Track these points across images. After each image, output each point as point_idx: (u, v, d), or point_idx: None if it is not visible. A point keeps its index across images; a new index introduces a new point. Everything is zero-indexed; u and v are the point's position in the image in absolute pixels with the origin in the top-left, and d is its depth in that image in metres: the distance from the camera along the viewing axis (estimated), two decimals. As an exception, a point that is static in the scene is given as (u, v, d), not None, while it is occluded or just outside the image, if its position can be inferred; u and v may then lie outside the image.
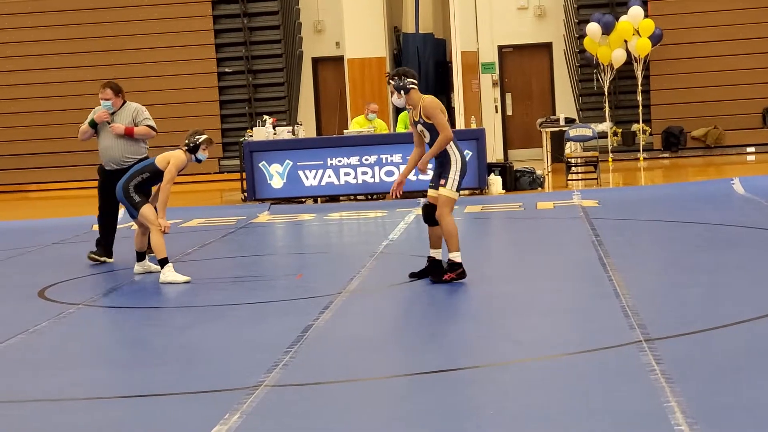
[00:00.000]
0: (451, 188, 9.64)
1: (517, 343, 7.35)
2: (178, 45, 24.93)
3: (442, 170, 9.74)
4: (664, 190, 17.39)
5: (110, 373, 7.10)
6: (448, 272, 9.65)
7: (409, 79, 9.80)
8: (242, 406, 5.94)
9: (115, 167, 11.87)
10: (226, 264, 12.12)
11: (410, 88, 9.78)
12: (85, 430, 5.86)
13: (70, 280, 10.96)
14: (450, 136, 9.63)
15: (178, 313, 9.35)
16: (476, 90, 23.20)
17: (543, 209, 15.61)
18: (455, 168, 9.67)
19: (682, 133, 23.29)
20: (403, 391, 6.39)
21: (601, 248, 11.11)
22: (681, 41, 23.52)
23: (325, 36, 25.94)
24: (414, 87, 9.80)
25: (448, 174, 9.67)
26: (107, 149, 11.95)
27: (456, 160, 9.69)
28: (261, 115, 20.54)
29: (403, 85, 9.76)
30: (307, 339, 7.61)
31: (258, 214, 16.77)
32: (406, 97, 9.81)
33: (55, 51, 24.92)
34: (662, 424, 5.24)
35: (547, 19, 25.41)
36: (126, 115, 11.98)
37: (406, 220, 14.82)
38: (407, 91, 9.79)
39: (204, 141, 10.90)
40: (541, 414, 5.65)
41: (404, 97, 9.82)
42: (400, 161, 17.76)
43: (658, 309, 8.17)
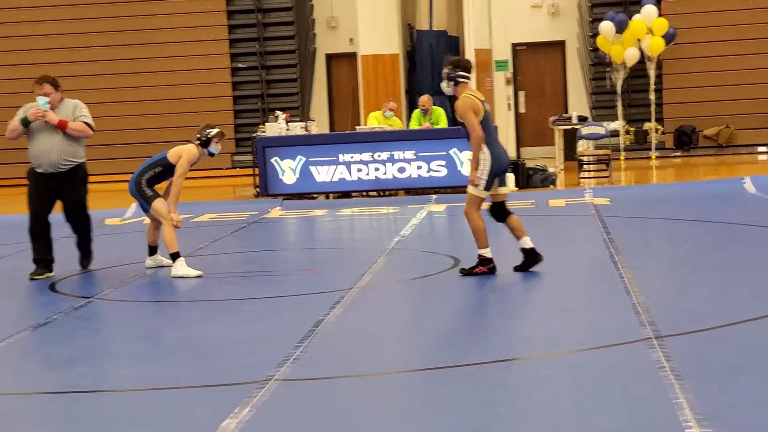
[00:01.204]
0: (479, 186, 9.69)
1: (528, 340, 7.36)
2: (192, 40, 24.97)
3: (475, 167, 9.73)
4: (675, 188, 17.38)
5: (122, 366, 7.13)
6: (479, 266, 9.71)
7: (461, 72, 9.80)
8: (253, 399, 5.96)
9: (52, 171, 10.69)
10: (238, 259, 12.14)
11: (460, 81, 9.80)
12: (98, 422, 5.89)
13: (81, 274, 11.00)
14: (480, 136, 9.62)
15: (189, 307, 9.38)
16: (489, 88, 23.21)
17: (555, 207, 15.61)
18: (485, 167, 9.68)
19: (695, 132, 23.25)
20: (414, 387, 6.41)
21: (613, 246, 11.11)
22: (694, 40, 23.49)
23: (338, 32, 25.95)
24: (464, 81, 9.80)
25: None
26: (45, 152, 10.64)
27: (486, 159, 9.69)
28: (274, 111, 20.58)
29: (453, 76, 9.79)
30: (318, 334, 7.63)
31: (270, 209, 16.80)
32: (455, 88, 9.82)
33: (67, 45, 24.97)
34: (671, 420, 5.25)
35: (560, 18, 25.40)
36: (66, 111, 10.75)
37: (417, 217, 14.83)
38: (456, 83, 9.81)
39: (216, 134, 10.93)
40: (551, 410, 5.67)
41: (453, 88, 9.83)
42: (412, 157, 17.78)
43: (669, 306, 8.17)
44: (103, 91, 23.70)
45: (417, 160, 17.88)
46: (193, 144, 10.92)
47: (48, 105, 10.62)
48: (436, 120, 18.73)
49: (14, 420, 6.03)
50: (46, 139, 10.65)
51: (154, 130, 23.99)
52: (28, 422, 5.99)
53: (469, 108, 9.66)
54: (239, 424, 5.52)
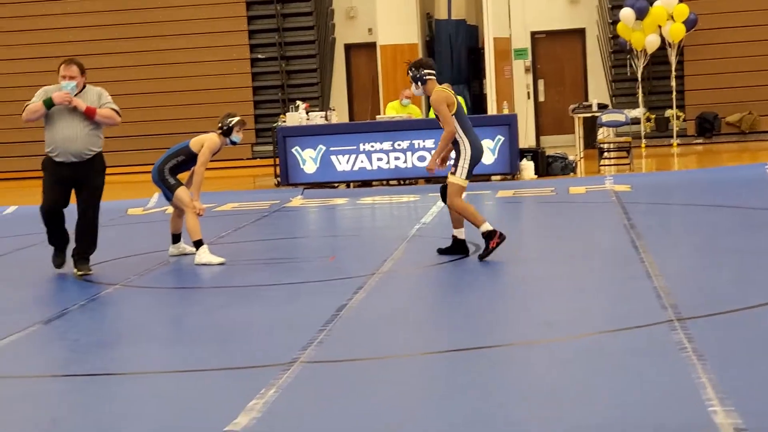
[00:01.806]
0: (461, 176, 9.95)
1: (550, 323, 7.41)
2: (211, 31, 25.04)
3: (456, 158, 10.00)
4: (696, 174, 17.36)
5: (149, 350, 7.21)
6: (490, 241, 9.92)
7: (426, 69, 10.04)
8: (278, 381, 6.03)
9: (74, 160, 10.16)
10: (261, 246, 12.22)
11: (426, 78, 10.02)
12: (127, 403, 5.97)
13: (106, 262, 11.08)
14: (452, 130, 9.87)
15: (213, 293, 9.46)
16: (508, 76, 23.19)
17: (575, 194, 15.64)
18: (465, 156, 9.93)
19: (716, 118, 23.19)
20: (436, 369, 6.47)
21: (633, 231, 11.14)
22: (715, 26, 23.41)
23: (357, 22, 25.99)
24: (431, 78, 10.04)
25: (458, 162, 9.94)
26: (68, 140, 10.09)
27: (465, 148, 9.93)
28: (294, 101, 20.64)
29: (420, 76, 10.00)
30: (341, 318, 7.70)
31: (291, 198, 16.89)
32: (423, 87, 10.04)
33: (87, 38, 25.08)
34: (694, 399, 5.29)
35: (580, 5, 25.36)
36: (90, 99, 10.25)
37: (438, 205, 14.86)
38: (424, 82, 10.04)
39: (237, 123, 11.00)
40: (573, 390, 5.72)
41: (421, 87, 10.03)
42: (432, 146, 17.80)
43: (690, 290, 8.21)
44: (124, 83, 23.79)
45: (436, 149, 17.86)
46: (215, 133, 11.00)
47: (75, 90, 10.12)
48: (455, 108, 18.73)
49: (44, 402, 6.12)
50: (69, 125, 10.09)
51: (175, 121, 24.10)
52: (57, 404, 6.08)
53: (443, 101, 9.88)
54: (265, 405, 5.60)
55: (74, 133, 10.10)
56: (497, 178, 18.11)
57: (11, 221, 16.09)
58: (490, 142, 17.80)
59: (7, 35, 25.44)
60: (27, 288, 9.95)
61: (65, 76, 10.06)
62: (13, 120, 24.86)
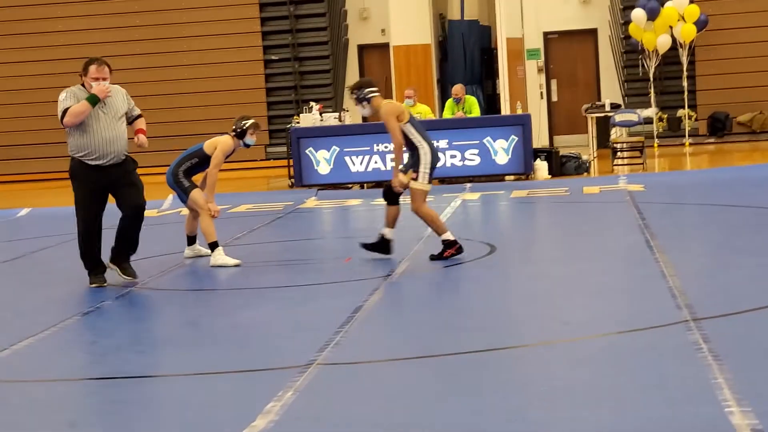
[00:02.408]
0: (423, 181, 10.08)
1: (566, 323, 7.42)
2: (224, 33, 25.07)
3: (414, 163, 10.12)
4: (709, 174, 17.34)
5: (165, 353, 7.25)
6: (447, 249, 10.03)
7: (367, 89, 10.21)
8: (295, 383, 6.05)
9: (114, 162, 9.74)
10: (275, 248, 12.25)
11: (370, 97, 10.19)
12: (144, 407, 6.00)
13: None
14: (400, 142, 10.04)
15: (229, 295, 9.50)
16: (521, 76, 23.20)
17: (589, 194, 15.64)
18: (425, 161, 10.07)
19: (728, 118, 23.15)
20: (453, 369, 6.48)
21: (648, 231, 11.15)
22: (726, 26, 23.37)
23: (370, 23, 26.00)
24: (374, 95, 10.20)
25: (419, 167, 10.05)
26: (110, 141, 9.65)
27: (425, 152, 10.08)
28: (307, 102, 20.67)
29: (363, 96, 10.19)
30: (357, 319, 7.72)
31: (305, 199, 16.91)
32: (370, 106, 10.21)
33: (100, 40, 25.13)
34: (710, 400, 5.30)
35: (592, 5, 25.34)
36: (119, 98, 9.91)
37: (452, 206, 14.90)
38: (369, 101, 10.20)
39: (251, 125, 11.04)
40: (589, 390, 5.74)
41: (368, 106, 10.20)
42: (445, 146, 17.82)
43: (705, 290, 8.22)
44: (138, 85, 23.79)
45: (450, 149, 17.93)
46: (228, 135, 11.04)
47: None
48: (468, 109, 18.78)
49: (61, 405, 6.15)
50: (108, 127, 9.66)
51: (189, 123, 24.15)
52: (75, 408, 6.11)
53: (393, 113, 10.04)
54: (283, 407, 5.62)
55: (114, 134, 9.68)
56: (511, 178, 18.11)
57: (25, 223, 16.16)
58: (503, 142, 17.81)
59: (14, 38, 25.52)
60: (43, 291, 9.99)
61: (98, 78, 9.60)
62: (25, 122, 24.98)
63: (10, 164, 23.68)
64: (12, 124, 25.12)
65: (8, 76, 25.27)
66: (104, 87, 9.58)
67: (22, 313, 9.02)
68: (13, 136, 24.81)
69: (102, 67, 9.69)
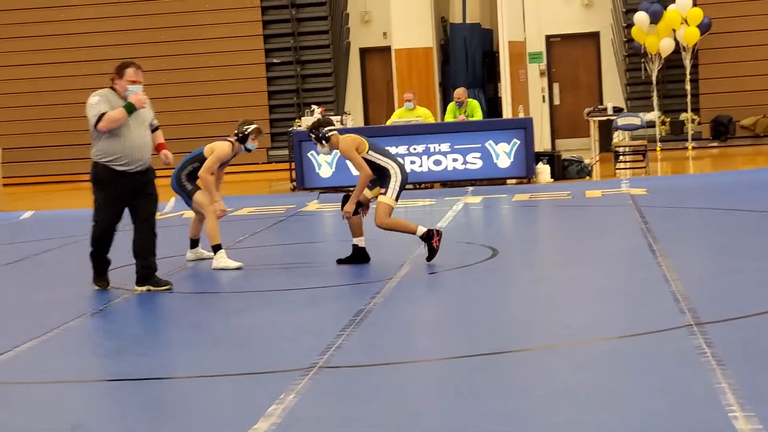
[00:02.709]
0: (391, 196, 10.22)
1: (567, 326, 7.42)
2: (226, 36, 25.10)
3: (382, 181, 10.26)
4: (712, 178, 17.34)
5: (168, 355, 7.25)
6: (431, 241, 10.12)
7: (325, 128, 10.38)
8: (297, 386, 6.05)
9: (141, 169, 9.66)
10: (277, 251, 12.25)
11: (329, 135, 10.36)
12: (148, 408, 6.01)
13: (123, 267, 11.10)
14: (368, 174, 10.20)
15: (232, 297, 9.50)
16: (523, 80, 23.20)
17: (591, 197, 15.63)
18: (395, 179, 10.23)
19: (731, 122, 23.16)
20: (455, 373, 6.48)
21: (650, 235, 11.14)
22: (730, 30, 23.38)
23: (372, 26, 26.02)
24: (332, 133, 10.37)
25: (388, 184, 10.20)
26: (140, 147, 9.58)
27: (396, 173, 10.25)
28: (309, 105, 20.68)
29: (322, 135, 10.34)
30: (359, 322, 7.72)
31: (307, 202, 16.92)
32: (328, 144, 10.38)
33: (101, 43, 25.16)
34: (714, 404, 5.29)
35: (594, 9, 25.35)
36: (148, 106, 9.86)
37: (454, 209, 14.90)
38: (327, 140, 10.35)
39: (253, 131, 11.05)
40: (591, 394, 5.73)
41: (327, 145, 10.38)
42: (448, 150, 17.84)
43: (708, 294, 8.21)
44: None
45: (453, 153, 17.93)
46: (228, 140, 11.05)
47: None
48: (471, 112, 18.78)
49: (65, 407, 6.15)
50: (139, 134, 9.60)
51: (190, 126, 24.15)
52: (79, 409, 6.11)
53: (352, 148, 10.20)
54: (285, 410, 5.62)
55: (143, 141, 9.63)
56: (513, 182, 18.11)
57: (28, 226, 16.17)
58: (505, 146, 17.81)
59: (22, 41, 25.55)
60: (46, 293, 10.00)
61: (136, 81, 9.50)
62: (31, 125, 25.01)
63: (14, 167, 23.66)
64: (17, 127, 25.16)
65: (13, 78, 25.31)
66: (142, 98, 9.53)
67: (25, 315, 9.03)
68: (16, 139, 24.82)
69: (138, 70, 9.62)
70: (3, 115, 25.38)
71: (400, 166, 10.33)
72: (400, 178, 10.22)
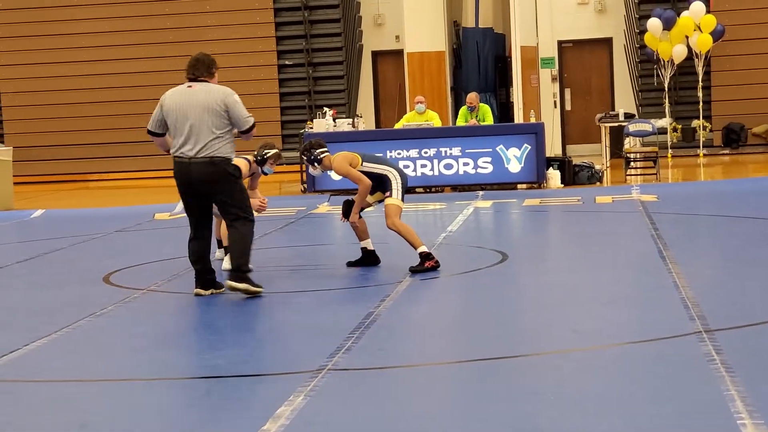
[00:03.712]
0: (397, 197, 10.18)
1: (578, 332, 7.41)
2: (239, 38, 25.12)
3: (383, 187, 10.26)
4: (723, 185, 17.31)
5: (177, 356, 7.25)
6: (426, 261, 10.00)
7: (317, 150, 10.43)
8: (306, 388, 6.05)
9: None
10: (287, 253, 12.26)
11: (321, 158, 10.41)
12: (156, 409, 6.01)
13: (133, 267, 11.15)
14: (367, 185, 10.21)
15: (241, 299, 9.48)
16: (535, 85, 23.19)
17: (602, 203, 15.61)
18: (397, 181, 10.23)
19: (743, 129, 23.11)
20: (464, 376, 6.48)
21: (661, 241, 11.12)
22: (743, 37, 23.34)
23: (385, 29, 26.03)
24: (324, 155, 10.41)
25: (391, 187, 10.20)
26: None
27: (395, 176, 10.26)
28: (321, 108, 20.68)
29: (314, 157, 10.40)
30: (369, 325, 7.72)
31: (318, 205, 16.92)
32: (320, 166, 10.46)
33: (114, 43, 25.20)
34: (722, 411, 5.28)
35: (607, 14, 25.33)
36: None
37: (464, 213, 14.89)
38: (320, 162, 10.41)
39: (272, 156, 10.96)
40: (600, 399, 5.73)
41: (319, 167, 10.46)
42: (459, 154, 17.83)
43: (718, 301, 8.19)
44: (152, 88, 23.84)
45: (463, 157, 17.92)
46: (247, 158, 11.00)
47: None
48: (482, 117, 18.78)
49: (73, 406, 6.16)
50: None
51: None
52: (87, 408, 6.12)
53: (346, 164, 10.24)
54: (293, 412, 5.62)
55: None
56: (523, 187, 18.10)
57: (39, 224, 16.20)
58: (516, 151, 17.80)
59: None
60: (56, 291, 10.02)
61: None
62: (45, 124, 25.06)
63: (25, 166, 23.70)
64: (28, 126, 25.23)
65: (24, 77, 25.37)
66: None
67: (33, 313, 9.05)
68: (27, 138, 24.88)
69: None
70: (14, 113, 25.46)
71: (397, 169, 10.35)
72: (401, 180, 10.23)
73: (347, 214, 10.44)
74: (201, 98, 9.12)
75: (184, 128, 9.11)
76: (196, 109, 9.09)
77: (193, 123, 9.06)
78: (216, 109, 9.07)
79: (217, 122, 9.07)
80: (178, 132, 9.16)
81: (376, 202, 10.52)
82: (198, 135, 9.04)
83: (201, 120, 9.06)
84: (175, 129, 9.20)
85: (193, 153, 9.05)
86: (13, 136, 24.84)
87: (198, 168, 9.06)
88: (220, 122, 9.08)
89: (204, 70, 9.39)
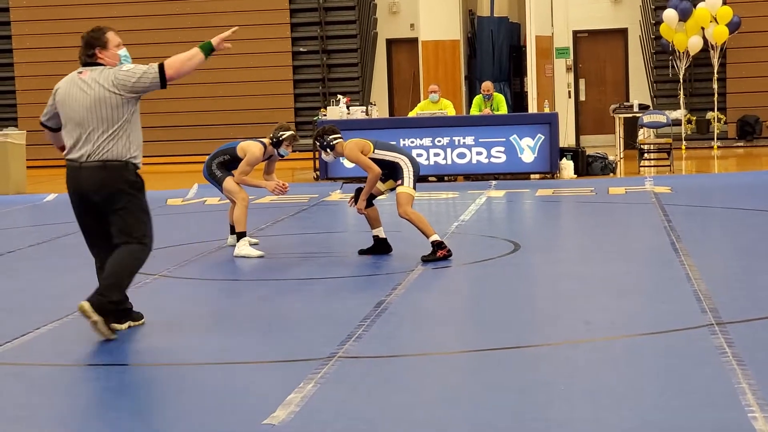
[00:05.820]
0: (409, 185, 10.15)
1: (589, 323, 7.40)
2: (253, 24, 25.08)
3: (395, 174, 10.25)
4: (737, 178, 17.26)
5: (187, 341, 7.25)
6: (439, 250, 9.98)
7: (330, 136, 10.39)
8: (317, 375, 6.05)
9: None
10: (299, 240, 12.26)
11: (333, 144, 10.37)
12: (164, 393, 6.02)
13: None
14: (378, 172, 10.19)
15: (253, 285, 9.50)
16: (550, 75, 23.15)
17: (615, 194, 15.58)
18: (408, 169, 10.20)
19: (758, 122, 23.04)
20: (475, 366, 6.48)
21: (673, 233, 11.09)
22: (759, 29, 23.24)
23: (399, 18, 25.99)
24: (337, 141, 10.37)
25: (402, 175, 10.17)
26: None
27: (406, 164, 10.23)
28: (334, 95, 20.67)
29: (327, 143, 10.36)
30: (380, 313, 7.71)
31: (330, 192, 16.92)
32: (333, 153, 10.41)
33: (128, 28, 25.19)
34: (734, 404, 5.27)
35: (623, 5, 25.25)
36: None
37: (477, 202, 14.87)
38: (332, 147, 10.37)
39: (288, 137, 11.03)
40: (611, 391, 5.71)
41: (332, 153, 10.41)
42: (472, 143, 17.81)
43: (730, 294, 8.16)
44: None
45: (477, 146, 17.91)
46: (262, 142, 11.04)
47: None
48: (496, 106, 18.76)
49: (83, 389, 6.18)
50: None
51: (217, 113, 24.26)
52: (97, 392, 6.13)
53: (357, 151, 10.22)
54: (303, 399, 5.62)
55: None
56: (537, 177, 18.08)
57: (51, 208, 16.22)
58: (530, 141, 17.77)
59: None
60: (68, 276, 10.04)
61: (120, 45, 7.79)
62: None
63: (38, 149, 23.72)
64: (39, 110, 25.23)
65: (36, 61, 25.39)
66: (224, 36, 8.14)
67: (46, 296, 9.07)
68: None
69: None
70: (26, 97, 25.50)
71: (409, 157, 10.33)
72: (412, 168, 10.21)
73: (357, 201, 10.44)
74: (90, 87, 7.41)
75: (73, 125, 7.44)
76: (84, 101, 7.36)
77: (83, 118, 7.36)
78: (106, 96, 7.34)
79: (111, 114, 7.34)
80: (68, 130, 7.50)
81: (387, 190, 10.50)
82: (90, 133, 7.34)
83: (91, 114, 7.35)
84: (65, 126, 7.54)
85: (84, 157, 7.34)
86: (26, 120, 24.86)
87: (88, 174, 7.32)
88: (115, 113, 7.35)
89: (90, 50, 7.62)
